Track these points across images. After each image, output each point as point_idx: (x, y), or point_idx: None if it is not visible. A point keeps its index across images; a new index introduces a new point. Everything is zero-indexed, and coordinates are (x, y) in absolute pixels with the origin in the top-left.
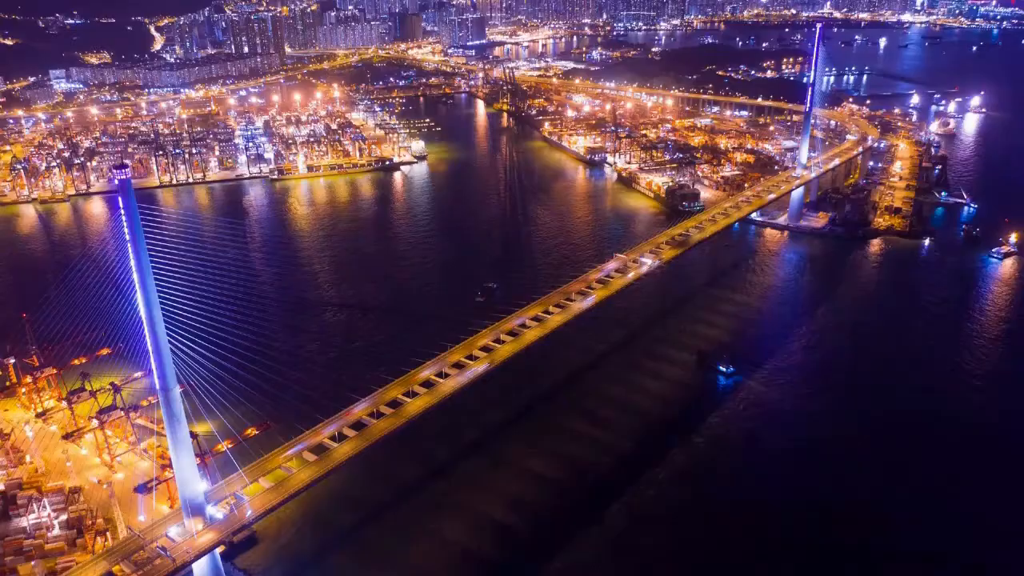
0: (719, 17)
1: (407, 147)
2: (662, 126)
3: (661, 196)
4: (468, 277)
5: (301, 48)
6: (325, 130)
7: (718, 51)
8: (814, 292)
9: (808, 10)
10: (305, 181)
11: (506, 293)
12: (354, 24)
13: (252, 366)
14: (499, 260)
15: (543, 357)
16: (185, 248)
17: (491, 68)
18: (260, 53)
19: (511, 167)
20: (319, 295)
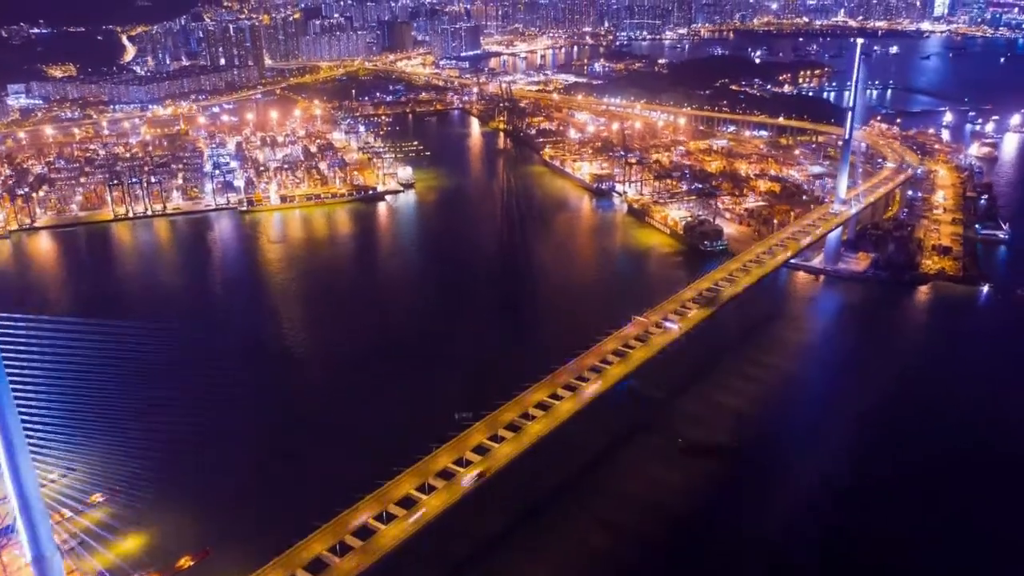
0: (727, 25)
1: (393, 174)
2: (675, 149)
3: (678, 232)
4: (454, 340)
5: (282, 59)
6: (303, 153)
7: (730, 63)
8: (859, 355)
9: (821, 18)
10: (278, 213)
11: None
12: (339, 34)
13: (190, 462)
14: (494, 316)
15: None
16: (99, 305)
17: (486, 82)
18: (237, 65)
19: (508, 197)
20: (272, 370)
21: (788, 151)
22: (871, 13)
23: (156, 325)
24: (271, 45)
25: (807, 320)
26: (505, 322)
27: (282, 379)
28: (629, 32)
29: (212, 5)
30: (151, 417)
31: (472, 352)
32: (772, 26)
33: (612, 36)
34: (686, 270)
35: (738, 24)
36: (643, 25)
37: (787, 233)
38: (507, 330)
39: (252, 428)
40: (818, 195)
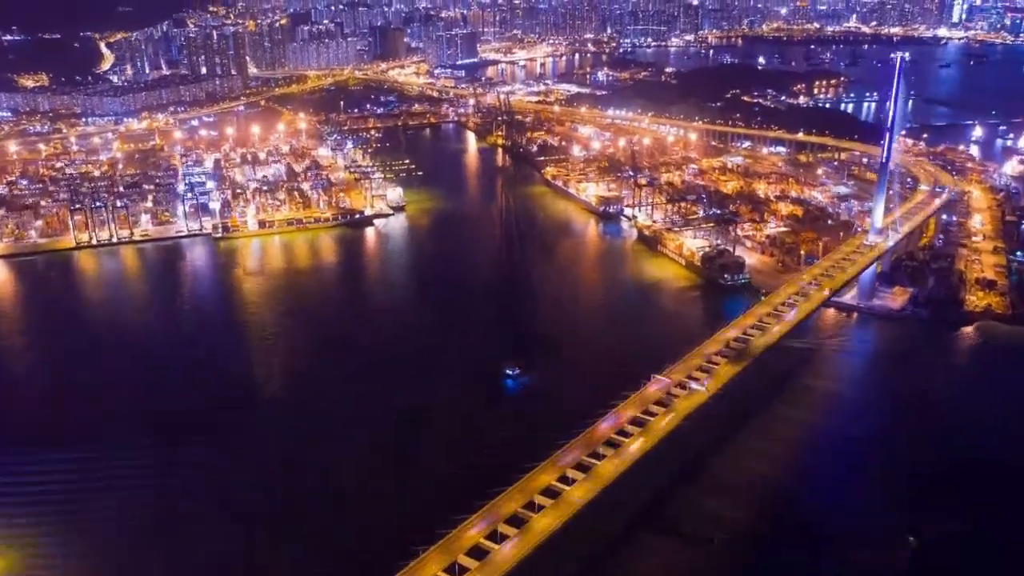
0: (735, 32)
1: (382, 195)
2: (687, 167)
3: (695, 264)
4: (433, 425)
5: (268, 68)
6: (287, 172)
7: (740, 72)
8: (901, 410)
9: (833, 24)
10: (256, 240)
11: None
12: (328, 41)
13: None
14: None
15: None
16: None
17: (483, 93)
18: (220, 75)
19: (507, 221)
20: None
21: (809, 169)
22: (885, 19)
23: (101, 378)
24: (256, 53)
25: (840, 366)
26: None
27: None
28: (633, 39)
29: (197, 10)
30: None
31: (459, 433)
32: (782, 32)
33: (615, 43)
34: (706, 309)
35: (746, 30)
36: (648, 31)
37: (819, 270)
38: (505, 396)
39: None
40: (844, 219)
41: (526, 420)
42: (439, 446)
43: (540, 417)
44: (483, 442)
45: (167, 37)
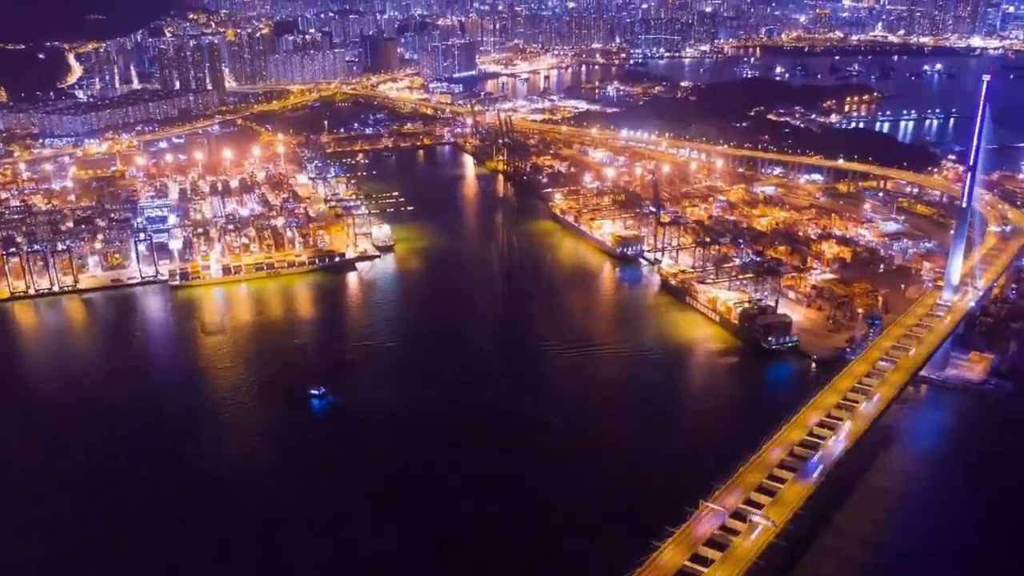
0: (752, 41)
1: (367, 233)
2: (713, 199)
3: (731, 322)
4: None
5: (248, 82)
6: (261, 203)
7: (763, 86)
8: (990, 521)
9: (857, 32)
10: (219, 288)
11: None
12: (314, 52)
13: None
14: (485, 471)
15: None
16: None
17: (482, 111)
18: (194, 90)
19: (510, 265)
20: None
21: (851, 201)
22: (914, 27)
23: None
24: (236, 65)
25: (911, 456)
26: (499, 496)
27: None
28: (644, 49)
29: (175, 18)
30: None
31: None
32: (803, 42)
33: (625, 54)
34: (749, 382)
35: (765, 40)
36: (660, 41)
37: (890, 340)
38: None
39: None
40: (899, 263)
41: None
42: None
43: (533, 545)
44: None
45: (140, 47)
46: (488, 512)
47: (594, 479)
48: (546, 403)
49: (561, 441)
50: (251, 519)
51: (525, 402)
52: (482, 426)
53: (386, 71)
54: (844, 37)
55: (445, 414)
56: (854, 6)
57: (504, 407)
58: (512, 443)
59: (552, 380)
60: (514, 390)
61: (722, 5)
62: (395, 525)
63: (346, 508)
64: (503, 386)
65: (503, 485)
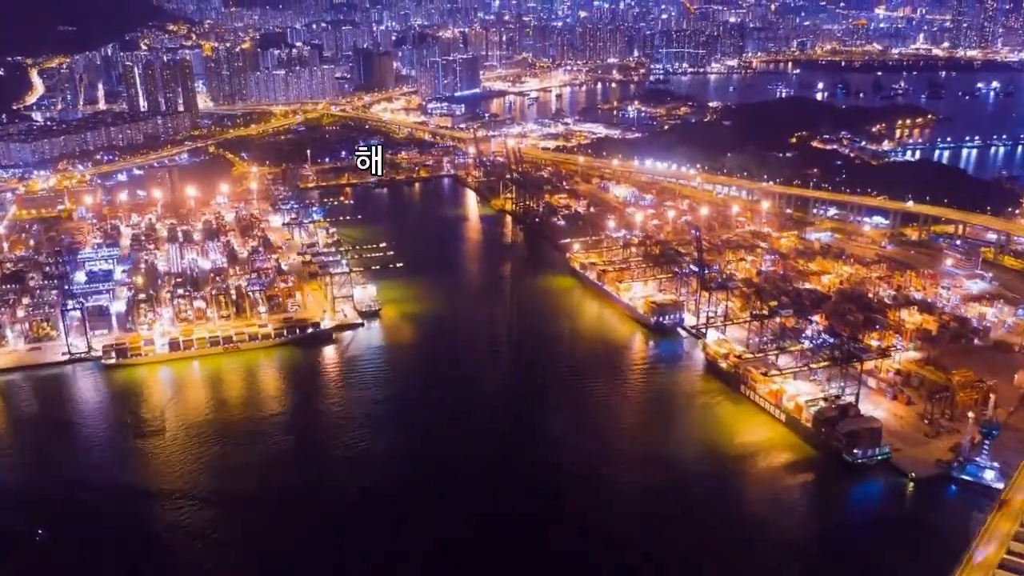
0: (784, 55)
1: (348, 296)
2: (762, 251)
3: (801, 423)
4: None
5: (226, 102)
6: (226, 253)
7: (803, 107)
8: None
9: (897, 45)
10: (166, 368)
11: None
12: (300, 69)
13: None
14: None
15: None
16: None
17: (486, 138)
18: (164, 112)
19: (520, 336)
20: None
21: (925, 251)
22: (960, 39)
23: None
24: (213, 83)
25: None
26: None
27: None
28: (666, 64)
29: (153, 30)
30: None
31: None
32: (840, 56)
33: (645, 69)
34: (829, 512)
35: (797, 53)
36: (683, 55)
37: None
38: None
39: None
40: (998, 337)
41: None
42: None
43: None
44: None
45: (108, 63)
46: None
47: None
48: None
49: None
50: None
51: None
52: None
53: (380, 89)
54: (884, 50)
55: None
56: (890, 16)
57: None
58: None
59: (570, 513)
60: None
61: (747, 15)
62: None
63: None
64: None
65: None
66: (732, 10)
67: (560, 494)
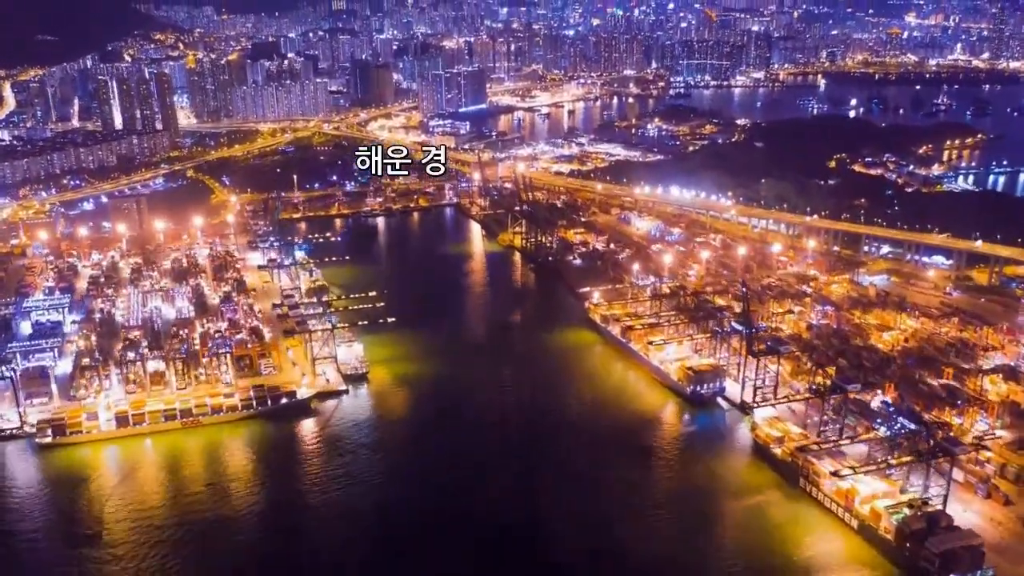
0: (813, 67)
1: (330, 356)
2: (813, 300)
3: (880, 534)
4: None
5: (211, 119)
6: (195, 299)
7: (839, 126)
8: None
9: (934, 55)
10: (113, 448)
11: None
12: (291, 83)
13: None
14: None
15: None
16: None
17: (493, 162)
18: (140, 130)
19: (531, 405)
20: None
21: (995, 299)
22: (1002, 50)
23: None
24: (197, 98)
25: None
26: None
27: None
28: (687, 76)
29: (139, 39)
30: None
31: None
32: (872, 68)
33: (664, 82)
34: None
35: (827, 64)
36: (705, 67)
37: None
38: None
39: None
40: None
41: None
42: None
43: None
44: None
45: (85, 75)
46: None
47: None
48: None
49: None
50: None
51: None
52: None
53: (379, 104)
54: (920, 61)
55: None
56: (922, 24)
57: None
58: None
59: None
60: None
61: (771, 23)
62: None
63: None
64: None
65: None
66: (754, 18)
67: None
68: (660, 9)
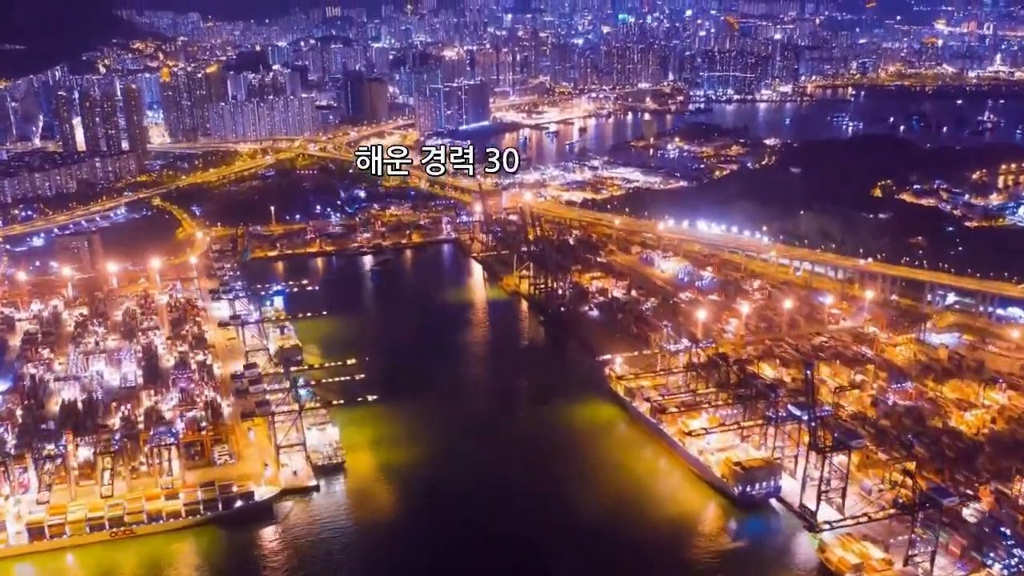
0: (843, 79)
1: (298, 444)
2: (874, 371)
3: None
4: None
5: (186, 137)
6: (145, 361)
7: (879, 146)
8: None
9: (972, 66)
10: (25, 566)
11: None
12: (274, 99)
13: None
14: None
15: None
16: None
17: (496, 192)
18: (105, 153)
19: (539, 501)
20: None
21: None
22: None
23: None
24: (172, 115)
25: None
26: None
27: None
28: (708, 89)
29: (116, 48)
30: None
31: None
32: (909, 80)
33: (683, 96)
34: None
35: (858, 76)
36: (727, 79)
37: None
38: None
39: None
40: None
41: None
42: None
43: None
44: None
45: (55, 87)
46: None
47: None
48: None
49: None
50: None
51: None
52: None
53: (371, 121)
54: (959, 73)
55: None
56: (954, 32)
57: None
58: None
59: None
60: None
61: (795, 31)
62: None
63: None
64: None
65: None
66: (776, 25)
67: None
68: (675, 16)
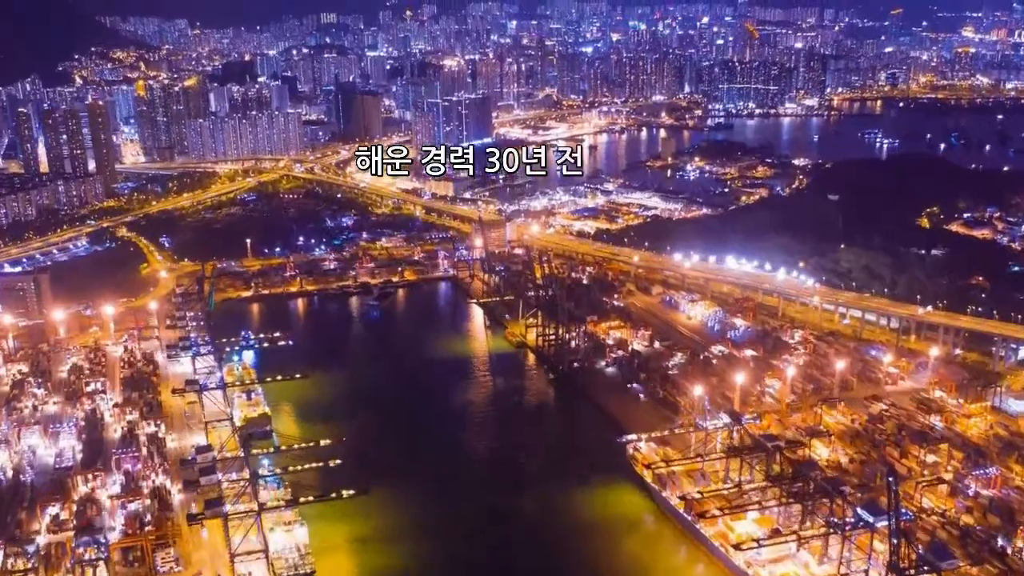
0: (871, 91)
1: (258, 550)
2: (949, 450)
3: None
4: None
5: (162, 156)
6: (85, 439)
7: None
8: None
9: (1009, 77)
10: None
11: None
12: (258, 115)
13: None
14: None
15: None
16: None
17: (500, 223)
18: (69, 175)
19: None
20: None
21: None
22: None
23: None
24: (147, 131)
25: None
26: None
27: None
28: (727, 102)
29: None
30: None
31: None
32: (942, 92)
33: (701, 110)
34: None
35: (888, 88)
36: (748, 92)
37: None
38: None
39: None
40: None
41: None
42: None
43: None
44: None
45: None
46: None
47: None
48: None
49: None
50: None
51: None
52: None
53: (364, 137)
54: (995, 84)
55: None
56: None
57: None
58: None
59: None
60: None
61: (816, 39)
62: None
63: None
64: None
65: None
66: (796, 33)
67: None
68: (688, 23)
